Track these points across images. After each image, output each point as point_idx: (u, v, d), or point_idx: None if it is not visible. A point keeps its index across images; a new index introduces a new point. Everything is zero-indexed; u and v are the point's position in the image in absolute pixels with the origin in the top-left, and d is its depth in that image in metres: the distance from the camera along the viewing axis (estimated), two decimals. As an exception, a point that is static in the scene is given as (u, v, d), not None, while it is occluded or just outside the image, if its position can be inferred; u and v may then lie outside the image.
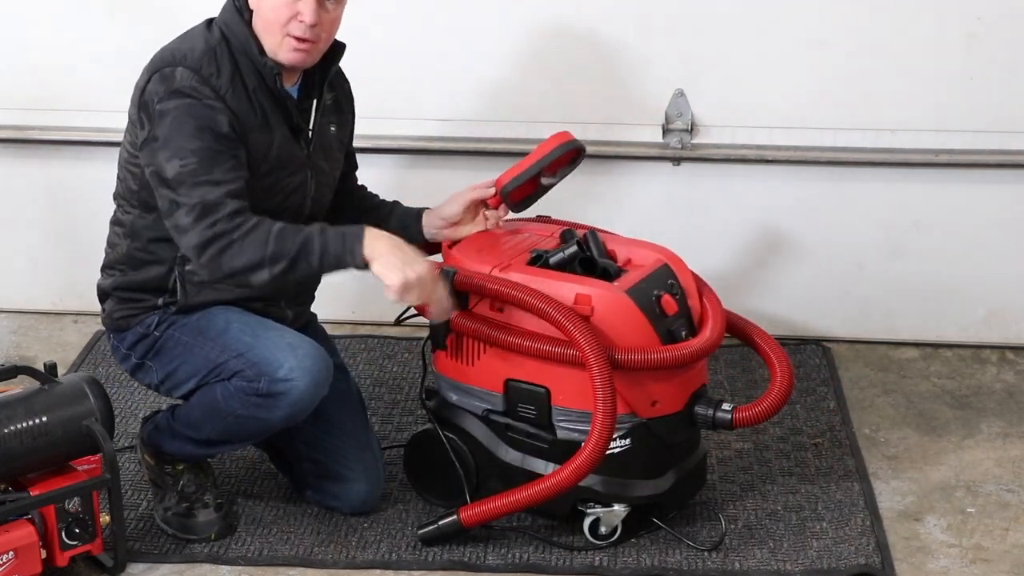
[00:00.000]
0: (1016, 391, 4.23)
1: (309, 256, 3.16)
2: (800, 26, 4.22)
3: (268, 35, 3.27)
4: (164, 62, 3.28)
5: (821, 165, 4.32)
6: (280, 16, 3.25)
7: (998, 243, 4.37)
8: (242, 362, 3.27)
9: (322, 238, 3.16)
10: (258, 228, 3.16)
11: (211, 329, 3.34)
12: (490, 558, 3.40)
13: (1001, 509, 3.64)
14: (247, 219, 3.17)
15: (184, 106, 3.20)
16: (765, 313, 4.34)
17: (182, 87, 3.21)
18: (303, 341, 3.30)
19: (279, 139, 3.33)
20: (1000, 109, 4.24)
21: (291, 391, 3.23)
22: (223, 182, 3.18)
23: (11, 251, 4.60)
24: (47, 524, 3.21)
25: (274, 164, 3.33)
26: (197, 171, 3.18)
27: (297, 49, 3.27)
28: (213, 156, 3.19)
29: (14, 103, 4.42)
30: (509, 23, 4.28)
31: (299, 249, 3.16)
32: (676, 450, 3.45)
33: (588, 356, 3.19)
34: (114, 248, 3.46)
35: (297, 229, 3.18)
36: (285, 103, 3.33)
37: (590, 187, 4.36)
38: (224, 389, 3.29)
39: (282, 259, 3.16)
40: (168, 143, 3.21)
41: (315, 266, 3.18)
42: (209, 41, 3.29)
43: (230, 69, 3.27)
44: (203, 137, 3.19)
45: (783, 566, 3.39)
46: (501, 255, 3.45)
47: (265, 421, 3.28)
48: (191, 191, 3.18)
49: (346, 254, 3.15)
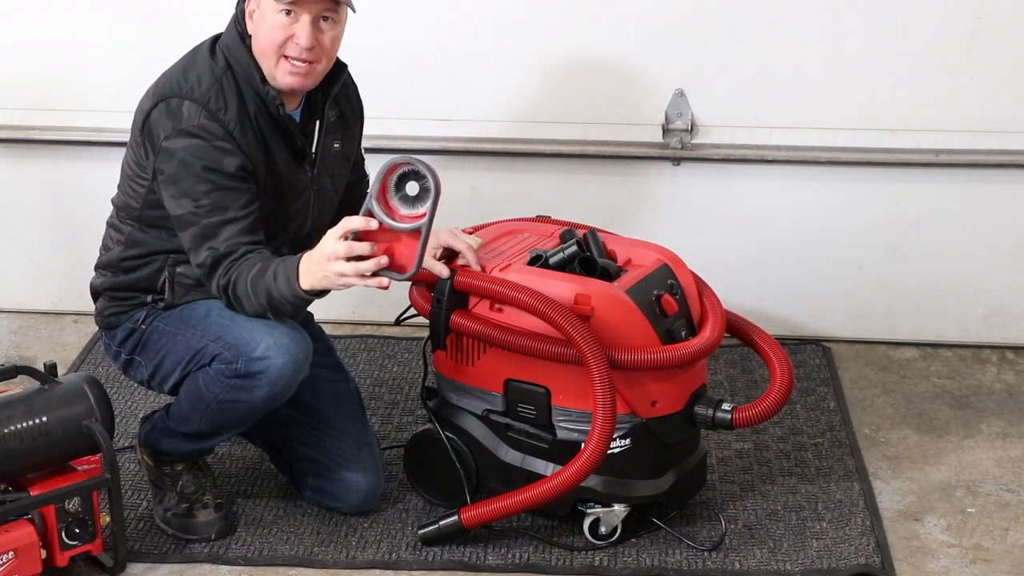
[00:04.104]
0: (1016, 391, 4.23)
1: (279, 305, 3.19)
2: (800, 26, 4.22)
3: (265, 59, 3.26)
4: (170, 91, 3.26)
5: (821, 165, 4.32)
6: (275, 39, 3.23)
7: (998, 243, 4.37)
8: (220, 345, 3.28)
9: (276, 286, 3.16)
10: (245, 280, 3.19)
11: (193, 316, 3.36)
12: (490, 558, 3.40)
13: (1001, 509, 3.64)
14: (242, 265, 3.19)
15: (193, 147, 3.20)
16: (765, 313, 4.34)
17: (190, 127, 3.21)
18: (281, 322, 3.29)
19: (281, 166, 3.33)
20: (1000, 109, 4.24)
21: (269, 369, 3.23)
22: (235, 220, 3.21)
23: (11, 251, 4.60)
24: (47, 524, 3.21)
25: (275, 192, 3.34)
26: (211, 212, 3.20)
27: (294, 72, 3.25)
28: (223, 197, 3.21)
29: (14, 103, 4.42)
30: (509, 23, 4.27)
31: (267, 302, 3.19)
32: (676, 450, 3.45)
33: (587, 357, 3.19)
34: (108, 251, 3.47)
35: (261, 278, 3.16)
36: (288, 128, 3.33)
37: (590, 187, 4.36)
38: (205, 375, 3.30)
39: (266, 311, 3.22)
40: (176, 182, 3.22)
41: (290, 311, 3.21)
42: (215, 71, 3.27)
43: (237, 102, 3.26)
44: (212, 178, 3.20)
45: (783, 566, 3.39)
46: (501, 255, 3.45)
47: (248, 403, 3.28)
48: (202, 242, 3.21)
49: (296, 296, 3.14)
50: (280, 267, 3.15)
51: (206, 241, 3.22)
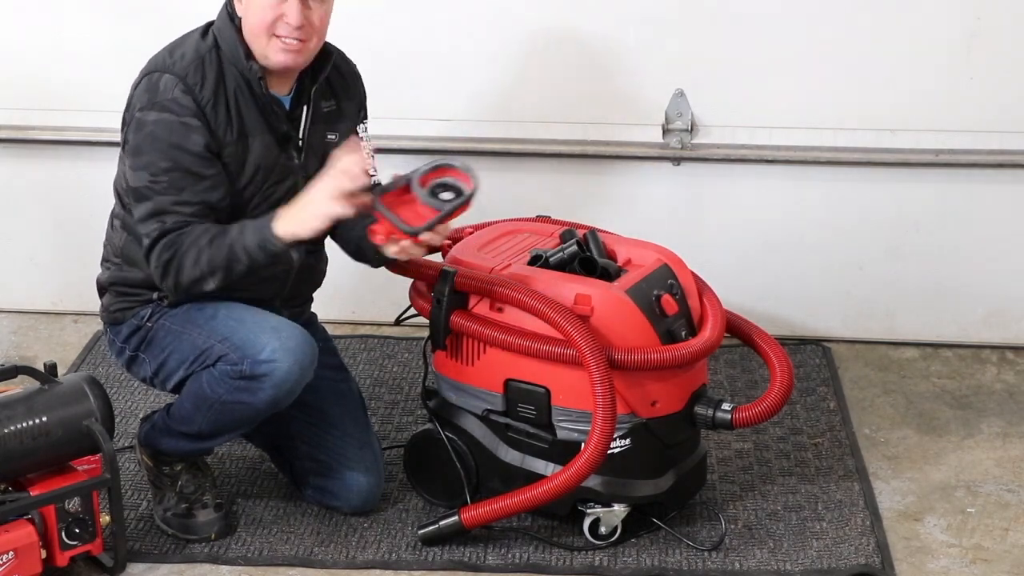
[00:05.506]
0: (1016, 391, 4.23)
1: (237, 259, 3.21)
2: (800, 26, 4.22)
3: (256, 39, 3.29)
4: (155, 65, 3.32)
5: (821, 165, 4.31)
6: (266, 18, 3.26)
7: (998, 243, 4.37)
8: (226, 346, 3.28)
9: (241, 238, 3.20)
10: (195, 242, 3.22)
11: (200, 316, 3.36)
12: (490, 558, 3.40)
13: (1001, 509, 3.64)
14: (189, 232, 3.22)
15: (163, 121, 3.24)
16: (765, 313, 4.34)
17: (163, 100, 3.24)
18: (287, 324, 3.31)
19: (260, 148, 3.33)
20: (1000, 109, 4.24)
21: (274, 372, 3.24)
22: (190, 203, 3.24)
23: (11, 251, 4.60)
24: (47, 524, 3.21)
25: (253, 175, 3.34)
26: (167, 190, 3.24)
27: (286, 50, 3.28)
28: (182, 178, 3.24)
29: (14, 103, 4.42)
30: (509, 23, 4.27)
31: (226, 256, 3.21)
32: (676, 450, 3.45)
33: (587, 357, 3.19)
34: (112, 240, 3.49)
35: (224, 235, 3.21)
36: (271, 109, 3.34)
37: (590, 187, 4.36)
38: (209, 375, 3.31)
39: (218, 269, 3.23)
40: (139, 154, 3.26)
41: (247, 265, 3.22)
42: (200, 49, 3.31)
43: (215, 78, 3.28)
44: (175, 156, 3.23)
45: (783, 566, 3.39)
46: (501, 255, 3.45)
47: (250, 405, 3.29)
48: (152, 216, 3.24)
49: (266, 242, 3.18)
50: (248, 222, 3.21)
51: (155, 216, 3.25)
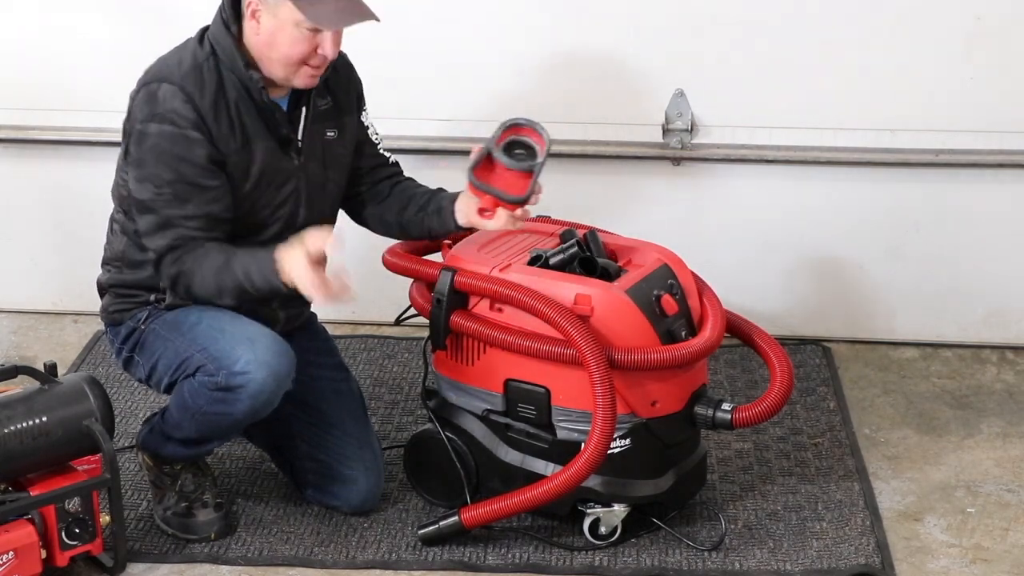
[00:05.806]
0: (1016, 391, 4.23)
1: (246, 291, 3.25)
2: (800, 26, 4.22)
3: (282, 67, 3.27)
4: (153, 75, 3.30)
5: (821, 165, 4.31)
6: (300, 52, 3.24)
7: (998, 243, 4.37)
8: (205, 356, 3.29)
9: (248, 280, 3.22)
10: (200, 267, 3.25)
11: (184, 324, 3.37)
12: (490, 558, 3.40)
13: (1001, 509, 3.64)
14: (194, 251, 3.24)
15: (166, 134, 3.23)
16: (765, 313, 4.33)
17: (164, 111, 3.23)
18: (264, 335, 3.30)
19: (262, 154, 3.33)
20: (1000, 109, 4.24)
21: (249, 384, 3.24)
22: (195, 216, 3.24)
23: (11, 251, 4.60)
24: (47, 524, 3.21)
25: (257, 180, 3.34)
26: (172, 202, 3.24)
27: (314, 76, 3.30)
28: (186, 190, 3.24)
29: (14, 103, 4.42)
30: (509, 23, 4.27)
31: (236, 287, 3.24)
32: (676, 450, 3.45)
33: (587, 357, 3.19)
34: (111, 244, 3.49)
35: (229, 267, 3.23)
36: (272, 114, 3.33)
37: (590, 187, 4.36)
38: (190, 385, 3.31)
39: (226, 295, 3.27)
40: (142, 165, 3.26)
41: (256, 296, 3.26)
42: (198, 56, 3.29)
43: (215, 87, 3.27)
44: (179, 168, 3.23)
45: (783, 566, 3.39)
46: (501, 255, 3.45)
47: (229, 416, 3.29)
48: (158, 230, 3.25)
49: (274, 287, 3.21)
50: (252, 261, 3.21)
51: (161, 230, 3.25)
